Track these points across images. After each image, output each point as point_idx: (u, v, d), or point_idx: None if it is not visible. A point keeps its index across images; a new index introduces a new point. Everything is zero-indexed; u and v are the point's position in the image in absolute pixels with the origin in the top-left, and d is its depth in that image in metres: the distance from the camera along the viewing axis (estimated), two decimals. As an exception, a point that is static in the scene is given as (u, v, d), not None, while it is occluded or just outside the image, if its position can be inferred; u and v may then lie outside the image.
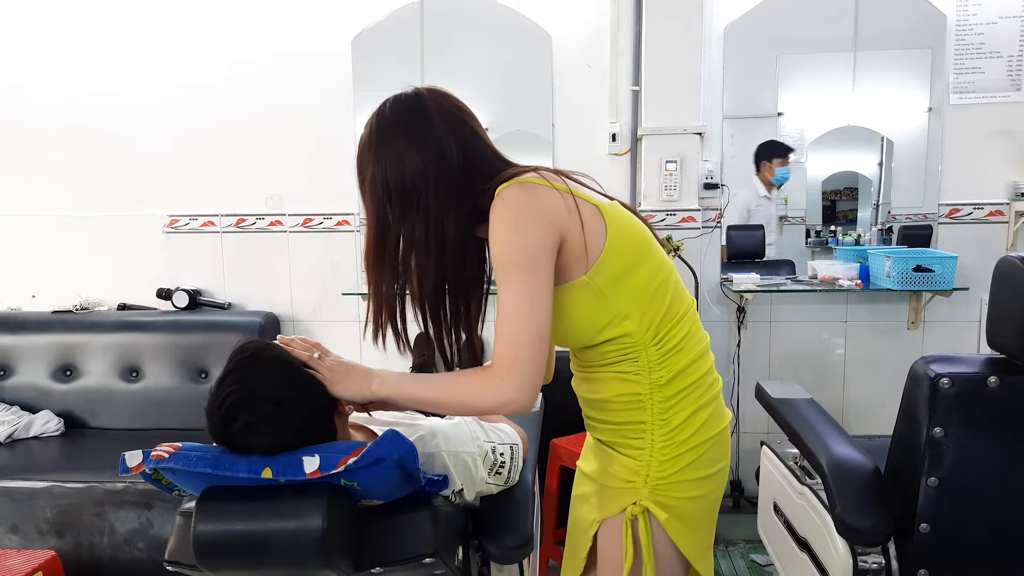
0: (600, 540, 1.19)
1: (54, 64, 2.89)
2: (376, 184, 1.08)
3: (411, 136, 1.07)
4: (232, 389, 0.98)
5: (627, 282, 1.08)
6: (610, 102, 2.69)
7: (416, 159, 1.06)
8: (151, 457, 0.97)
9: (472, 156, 1.09)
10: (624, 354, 1.11)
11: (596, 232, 1.06)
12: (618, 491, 1.15)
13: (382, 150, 1.08)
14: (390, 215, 1.08)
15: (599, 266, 1.06)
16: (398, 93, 1.13)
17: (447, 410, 1.10)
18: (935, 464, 1.24)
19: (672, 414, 1.11)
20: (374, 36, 2.74)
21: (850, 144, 2.81)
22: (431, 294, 1.10)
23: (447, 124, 1.08)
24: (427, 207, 1.06)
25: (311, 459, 0.94)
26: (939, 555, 1.27)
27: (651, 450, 1.12)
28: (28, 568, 1.90)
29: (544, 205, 1.03)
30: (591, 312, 1.08)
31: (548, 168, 1.10)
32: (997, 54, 2.57)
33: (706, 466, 1.14)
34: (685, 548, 1.14)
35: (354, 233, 2.85)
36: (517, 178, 1.05)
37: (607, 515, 1.16)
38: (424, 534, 1.07)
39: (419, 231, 1.06)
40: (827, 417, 1.60)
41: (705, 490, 1.15)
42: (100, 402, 2.68)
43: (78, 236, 2.94)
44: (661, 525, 1.12)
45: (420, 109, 1.09)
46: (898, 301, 2.69)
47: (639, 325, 1.09)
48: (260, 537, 0.93)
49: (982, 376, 1.22)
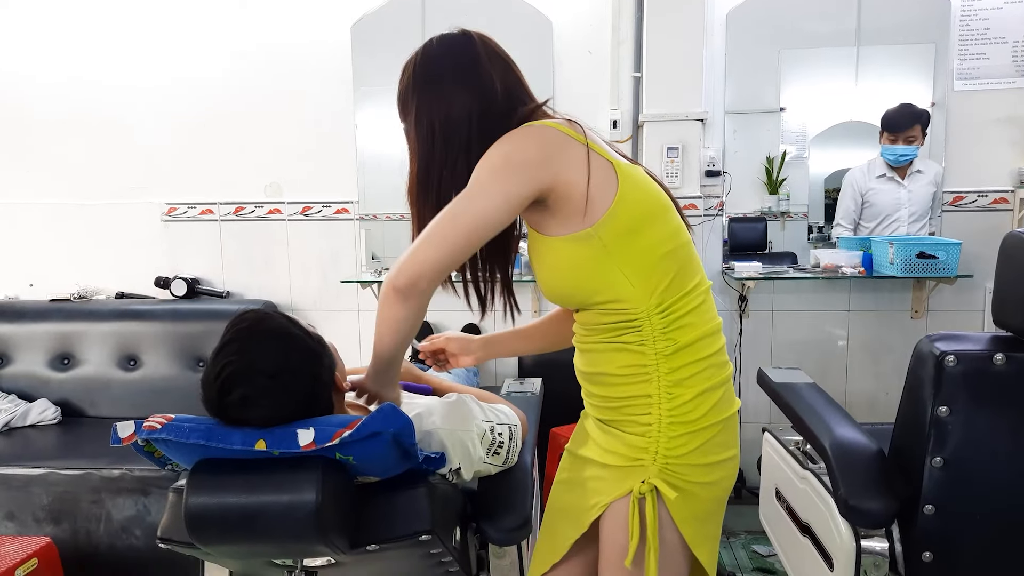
0: (605, 524, 1.13)
1: (53, 52, 2.87)
2: (421, 118, 1.10)
3: (459, 74, 1.10)
4: (229, 360, 0.97)
5: (633, 242, 1.05)
6: (611, 89, 2.67)
7: (464, 97, 1.09)
8: (143, 428, 0.96)
9: (515, 100, 1.12)
10: (626, 321, 1.07)
11: (604, 187, 1.04)
12: (624, 471, 1.10)
13: (429, 88, 1.10)
14: (433, 150, 1.10)
15: (605, 220, 1.03)
16: (445, 32, 1.15)
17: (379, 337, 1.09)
18: (940, 444, 1.22)
19: (680, 390, 1.07)
20: (374, 22, 2.72)
21: (852, 140, 2.78)
22: None
23: (494, 66, 1.12)
24: (469, 145, 1.08)
25: (306, 432, 0.92)
26: (944, 537, 1.24)
27: (659, 425, 1.07)
28: (23, 555, 1.88)
29: (549, 141, 1.04)
30: (591, 267, 1.05)
31: (575, 120, 1.10)
32: (1002, 40, 2.54)
33: (717, 451, 1.10)
34: (689, 534, 1.09)
35: (354, 221, 2.83)
36: (541, 119, 1.08)
37: (613, 497, 1.10)
38: (420, 511, 1.05)
39: (460, 168, 1.08)
40: (830, 401, 1.58)
41: (716, 477, 1.11)
42: (98, 391, 2.66)
43: (76, 224, 2.93)
44: (667, 508, 1.08)
45: (469, 48, 1.12)
46: (901, 289, 2.67)
47: (642, 290, 1.05)
48: (253, 510, 0.92)
49: (988, 354, 1.20)
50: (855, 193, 2.74)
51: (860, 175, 2.73)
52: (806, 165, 2.78)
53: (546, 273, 1.11)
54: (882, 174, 2.69)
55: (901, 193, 2.68)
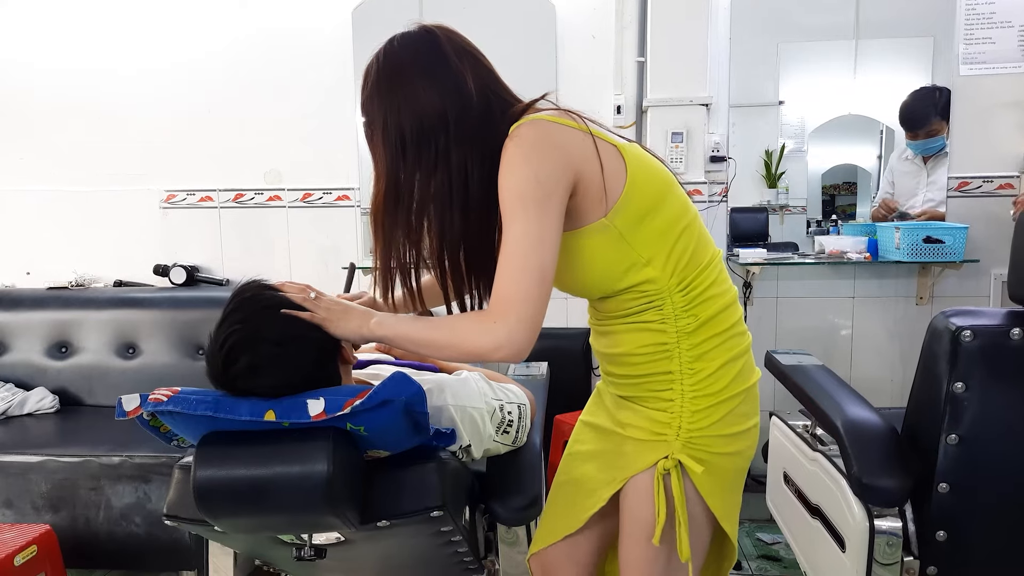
0: (626, 499, 1.11)
1: (51, 39, 2.84)
2: (388, 128, 1.00)
3: (427, 73, 1.00)
4: (233, 329, 0.95)
5: (649, 224, 1.02)
6: (615, 73, 2.64)
7: (434, 98, 0.99)
8: (149, 400, 0.93)
9: (490, 95, 1.03)
10: (648, 302, 1.05)
11: (615, 173, 1.00)
12: (647, 445, 1.09)
13: (395, 90, 1.00)
14: (404, 162, 1.00)
15: (619, 207, 0.99)
16: (404, 31, 1.05)
17: (439, 351, 1.03)
18: (955, 421, 1.20)
19: (702, 364, 1.06)
20: (375, 6, 2.69)
21: (850, 134, 2.79)
22: (453, 245, 1.03)
23: (462, 61, 1.02)
24: (448, 152, 0.99)
25: (315, 402, 0.90)
26: (958, 516, 1.23)
27: (682, 401, 1.06)
28: (22, 542, 1.86)
29: (559, 141, 0.97)
30: (611, 257, 1.02)
31: (563, 108, 1.03)
32: (1008, 24, 2.53)
33: (739, 422, 1.09)
34: (716, 506, 1.09)
35: (354, 208, 2.81)
36: (531, 115, 0.99)
37: (635, 471, 1.09)
38: (432, 487, 1.04)
39: (440, 179, 0.99)
40: (840, 381, 1.56)
41: (739, 447, 1.10)
42: (96, 379, 2.63)
43: (73, 212, 2.90)
44: (692, 482, 1.07)
45: (434, 45, 1.02)
46: (907, 275, 2.66)
47: (662, 271, 1.03)
48: (263, 482, 0.89)
49: (1005, 328, 1.18)
50: (889, 173, 2.73)
51: (895, 155, 2.70)
52: (805, 159, 2.78)
53: (562, 270, 1.03)
54: (907, 156, 2.68)
55: (921, 178, 2.66)
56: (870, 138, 2.73)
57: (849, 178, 2.85)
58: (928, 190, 2.64)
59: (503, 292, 0.94)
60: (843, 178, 2.85)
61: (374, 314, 1.04)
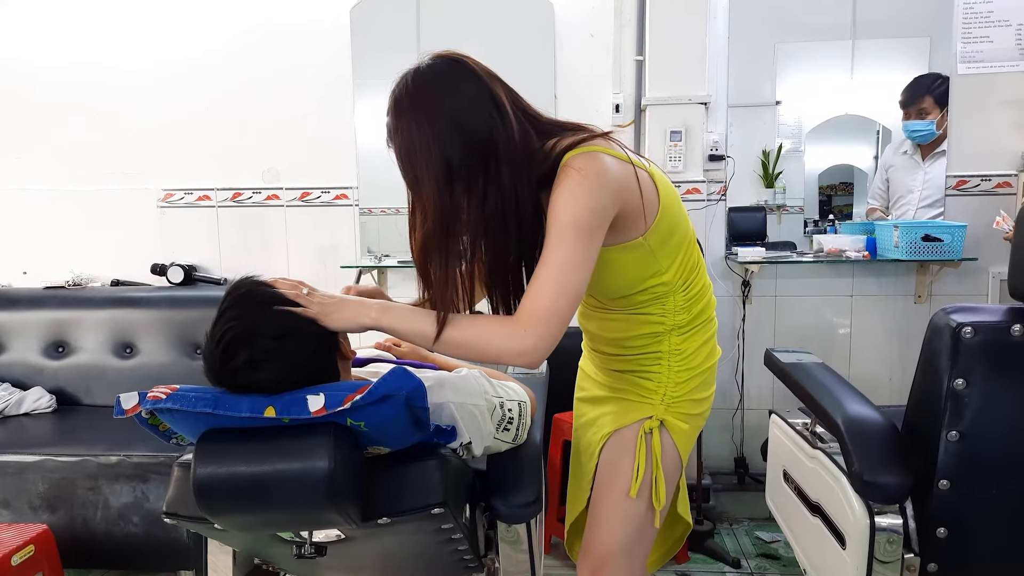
0: (608, 450, 1.26)
1: (49, 37, 2.83)
2: (433, 157, 0.99)
3: (468, 97, 1.01)
4: (230, 326, 0.94)
5: (672, 240, 1.16)
6: (614, 72, 2.64)
7: (480, 121, 1.01)
8: (148, 398, 0.93)
9: (526, 115, 1.08)
10: (655, 299, 1.19)
11: (652, 198, 1.11)
12: (636, 404, 1.26)
13: (434, 121, 0.99)
14: (452, 190, 1.00)
15: (654, 228, 1.12)
16: (425, 62, 1.06)
17: (456, 348, 1.03)
18: (956, 417, 1.20)
19: (686, 345, 1.23)
20: (373, 5, 2.69)
21: (847, 135, 2.79)
22: (508, 265, 1.09)
23: (495, 83, 1.06)
24: (498, 172, 1.01)
25: (315, 397, 0.90)
26: (959, 512, 1.23)
27: (668, 373, 1.24)
28: (20, 541, 1.85)
29: (613, 176, 1.05)
30: (638, 268, 1.15)
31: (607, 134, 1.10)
32: (1006, 22, 2.53)
33: (706, 388, 1.30)
34: (684, 459, 1.29)
35: (352, 207, 2.80)
36: (584, 146, 1.05)
37: (620, 425, 1.25)
38: (433, 484, 1.03)
39: (492, 200, 1.02)
40: (840, 379, 1.56)
41: (702, 409, 1.30)
42: (93, 378, 2.62)
43: (70, 211, 2.89)
44: (672, 438, 1.24)
45: (467, 70, 1.05)
46: (905, 274, 2.66)
47: (675, 276, 1.18)
48: (264, 478, 0.89)
49: (1006, 325, 1.18)
50: (881, 168, 2.72)
51: (889, 149, 2.70)
52: (802, 159, 2.78)
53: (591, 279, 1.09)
54: (904, 151, 2.67)
55: (917, 174, 2.65)
56: (867, 138, 2.73)
57: (846, 178, 2.85)
58: (923, 188, 2.63)
59: (537, 304, 1.00)
60: (840, 178, 2.85)
61: (373, 303, 1.04)
